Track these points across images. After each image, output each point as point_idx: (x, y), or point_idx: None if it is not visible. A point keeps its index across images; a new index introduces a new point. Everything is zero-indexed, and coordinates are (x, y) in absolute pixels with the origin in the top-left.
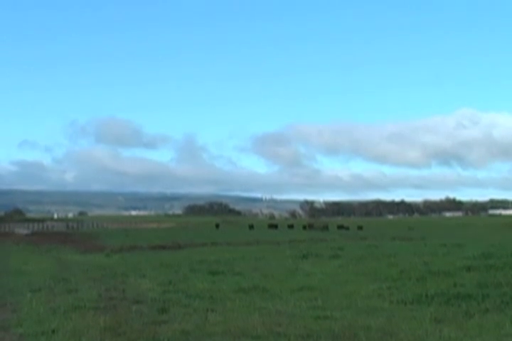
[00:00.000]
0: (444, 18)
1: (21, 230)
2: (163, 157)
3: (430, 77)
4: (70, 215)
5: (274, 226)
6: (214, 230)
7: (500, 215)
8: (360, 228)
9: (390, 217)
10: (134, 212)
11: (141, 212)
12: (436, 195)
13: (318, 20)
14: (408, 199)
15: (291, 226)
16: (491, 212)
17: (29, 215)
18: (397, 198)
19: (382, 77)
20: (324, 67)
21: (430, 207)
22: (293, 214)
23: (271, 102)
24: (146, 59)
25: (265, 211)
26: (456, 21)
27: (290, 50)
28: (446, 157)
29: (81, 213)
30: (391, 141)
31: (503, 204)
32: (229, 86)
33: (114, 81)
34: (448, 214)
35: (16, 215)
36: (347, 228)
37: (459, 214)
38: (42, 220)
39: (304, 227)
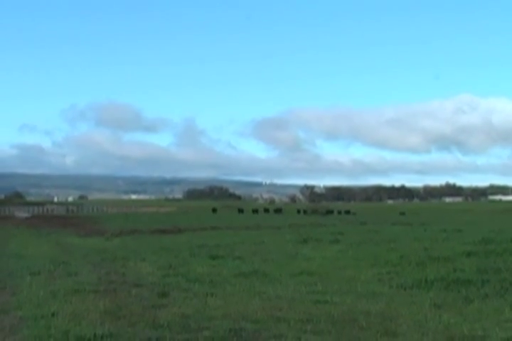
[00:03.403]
0: (444, 3)
1: (21, 213)
2: (163, 141)
3: (429, 62)
4: (70, 199)
5: (256, 211)
6: (214, 214)
7: (500, 201)
8: (347, 212)
9: (390, 202)
10: (134, 196)
11: (141, 196)
12: (437, 181)
13: (316, 5)
14: (408, 184)
15: (278, 211)
16: (491, 197)
17: (29, 198)
18: (398, 183)
19: (382, 61)
20: (324, 52)
21: (430, 193)
22: (293, 199)
23: (270, 87)
24: (145, 42)
25: (265, 195)
26: (455, 6)
27: (290, 35)
28: (446, 142)
29: (81, 197)
30: (391, 125)
31: (503, 189)
32: (228, 70)
33: (113, 64)
34: (448, 200)
35: (16, 198)
36: (339, 212)
37: (458, 199)
38: (42, 204)
39: (298, 212)
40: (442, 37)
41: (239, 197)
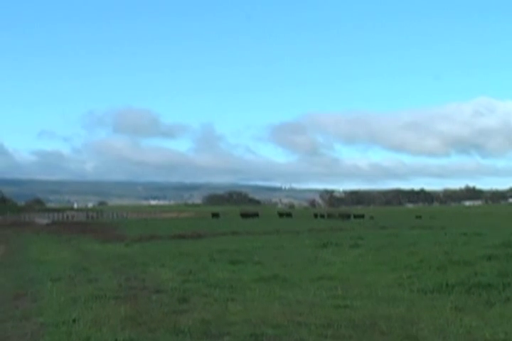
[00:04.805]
0: (460, 5)
1: (41, 220)
2: (181, 146)
3: (447, 65)
4: (90, 205)
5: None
6: (236, 219)
7: None
8: (361, 216)
9: (410, 205)
10: (153, 202)
11: (161, 202)
12: (456, 184)
13: (332, 8)
14: (428, 188)
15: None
16: None
17: (49, 205)
18: (417, 187)
19: (399, 65)
20: (340, 56)
21: (450, 196)
22: (312, 204)
23: (288, 91)
24: (163, 47)
25: (285, 200)
26: (472, 8)
27: (306, 39)
28: (465, 145)
29: (101, 203)
30: (409, 129)
31: None
32: (246, 75)
33: (131, 70)
34: (468, 203)
35: (36, 205)
36: (355, 216)
37: (478, 202)
38: (62, 210)
39: (315, 216)
40: (459, 40)
41: (258, 202)
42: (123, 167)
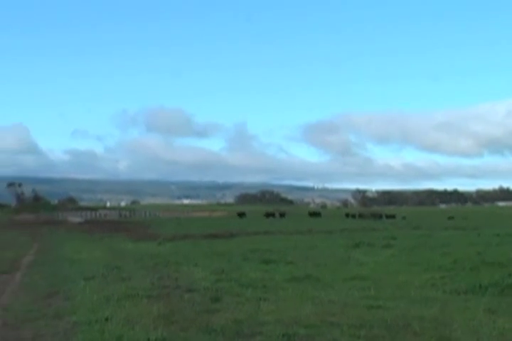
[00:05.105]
0: (494, 5)
1: (74, 218)
2: (214, 146)
3: (479, 65)
4: (123, 204)
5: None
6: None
7: None
8: (392, 217)
9: (443, 206)
10: (186, 201)
11: (193, 201)
12: (490, 185)
13: (367, 8)
14: (461, 188)
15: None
16: None
17: (82, 204)
18: (450, 187)
19: (431, 65)
20: (374, 56)
21: (483, 197)
22: (345, 204)
23: (321, 91)
24: (196, 47)
25: (317, 200)
26: (504, 8)
27: (340, 39)
28: (498, 146)
29: (133, 202)
30: (442, 129)
31: None
32: (279, 75)
33: (164, 70)
34: (501, 204)
35: (69, 203)
36: (387, 217)
37: None
38: (95, 209)
39: (346, 216)
40: (492, 39)
41: (291, 202)
42: (156, 166)
